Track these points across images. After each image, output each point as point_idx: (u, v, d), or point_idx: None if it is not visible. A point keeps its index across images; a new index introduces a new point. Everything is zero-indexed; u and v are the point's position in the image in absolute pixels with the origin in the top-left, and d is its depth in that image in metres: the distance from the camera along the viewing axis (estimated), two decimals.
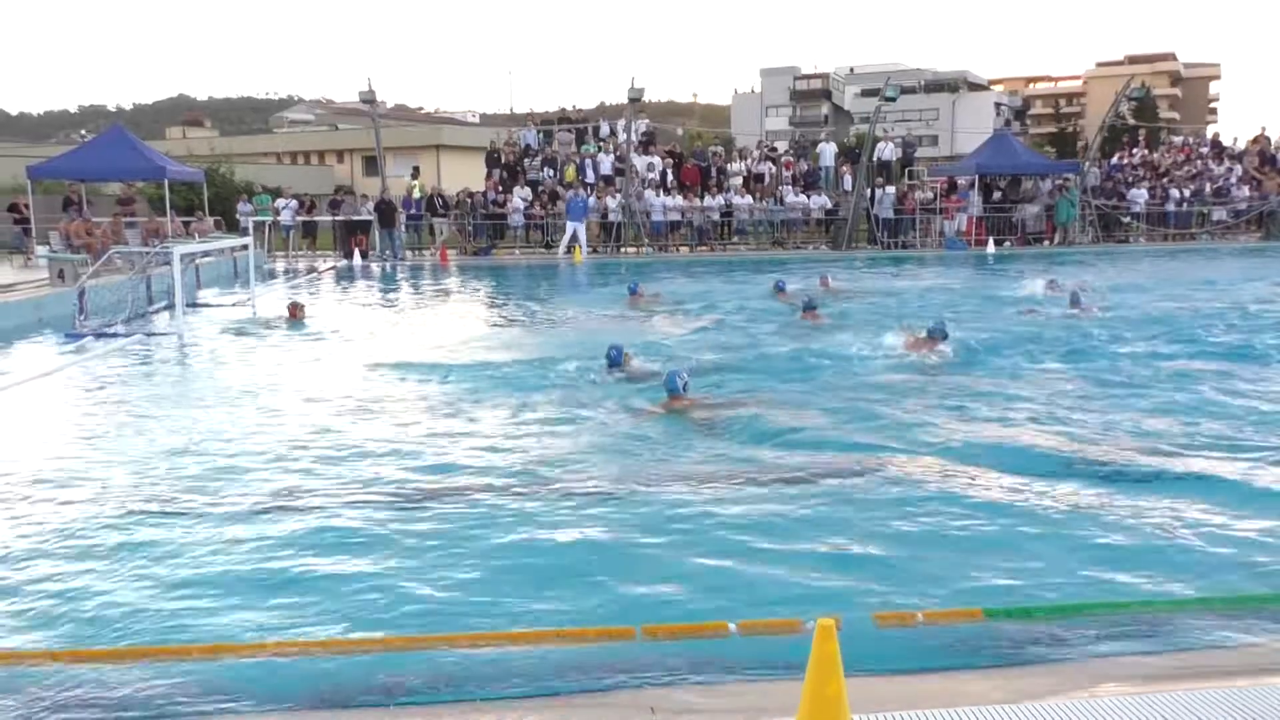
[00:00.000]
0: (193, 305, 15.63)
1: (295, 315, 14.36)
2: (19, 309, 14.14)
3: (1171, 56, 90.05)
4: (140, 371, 10.66)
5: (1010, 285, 17.60)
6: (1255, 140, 31.40)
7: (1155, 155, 32.18)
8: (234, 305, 16.49)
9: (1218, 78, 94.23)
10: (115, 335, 12.73)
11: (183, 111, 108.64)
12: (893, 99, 28.64)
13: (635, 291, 16.02)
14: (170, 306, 14.33)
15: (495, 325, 14.64)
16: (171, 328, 13.30)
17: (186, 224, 24.69)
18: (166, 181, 24.10)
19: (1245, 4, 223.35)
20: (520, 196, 27.15)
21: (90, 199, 25.50)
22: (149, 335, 12.94)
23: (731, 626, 3.86)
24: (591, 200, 26.80)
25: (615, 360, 9.02)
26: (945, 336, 10.52)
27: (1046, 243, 28.09)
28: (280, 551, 5.05)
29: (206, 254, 19.21)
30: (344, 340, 12.63)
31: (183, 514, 5.65)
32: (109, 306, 13.79)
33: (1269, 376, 9.27)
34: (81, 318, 13.09)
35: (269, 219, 26.21)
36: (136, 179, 26.07)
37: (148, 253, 15.52)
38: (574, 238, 25.58)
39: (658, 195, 27.40)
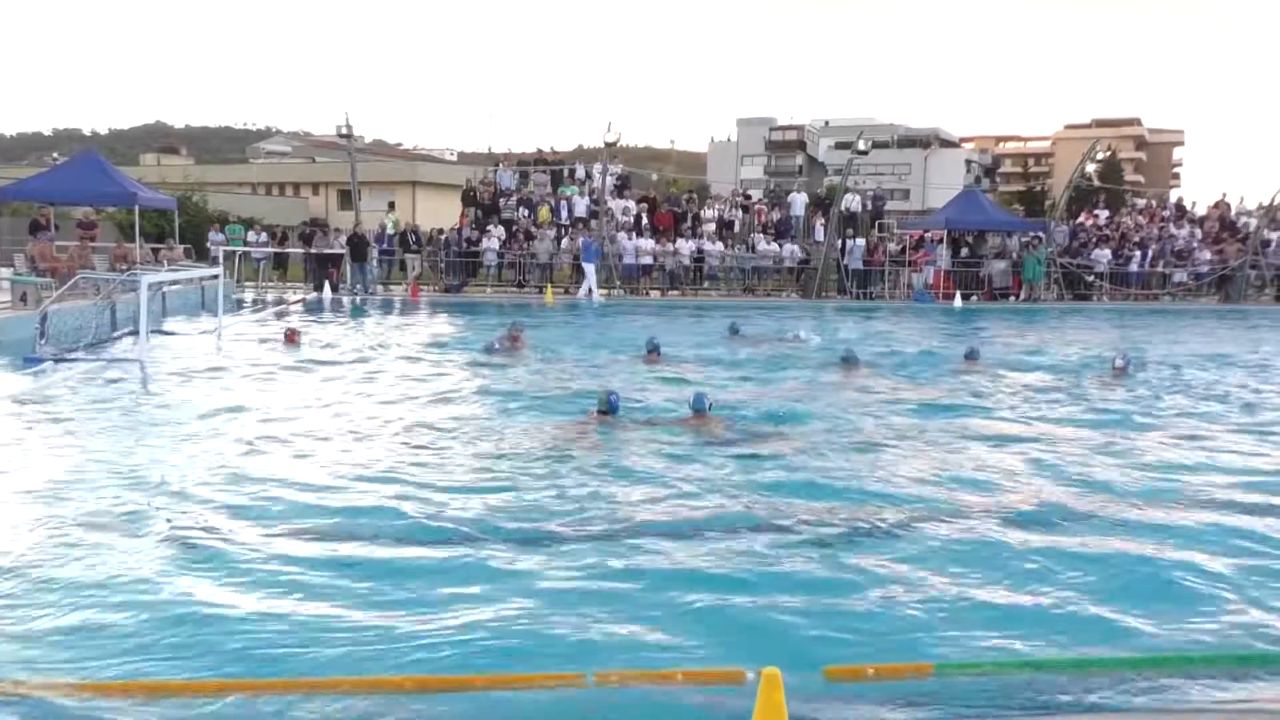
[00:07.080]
0: (157, 332, 15.45)
1: (292, 340, 14.44)
2: None
3: (1137, 121, 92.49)
4: (98, 397, 10.48)
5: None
6: (1216, 205, 32.20)
7: (1120, 217, 32.88)
8: (200, 334, 16.33)
9: (1181, 144, 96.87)
10: (76, 360, 12.55)
11: (159, 138, 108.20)
12: (865, 152, 29.18)
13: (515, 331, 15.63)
14: (134, 333, 14.16)
15: (463, 366, 14.49)
16: (134, 354, 13.13)
17: (156, 251, 24.49)
18: (137, 208, 23.92)
19: (1209, 75, 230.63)
20: (496, 235, 27.24)
21: (59, 223, 25.23)
22: (110, 361, 12.76)
23: (679, 675, 3.84)
24: (569, 242, 27.01)
25: (614, 407, 8.80)
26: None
27: (1013, 298, 28.54)
28: (237, 584, 4.99)
29: (175, 282, 19.05)
30: (304, 370, 12.52)
31: (137, 537, 5.57)
32: (71, 331, 13.60)
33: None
34: (42, 342, 12.88)
35: (240, 249, 26.09)
36: (107, 204, 25.82)
37: (114, 279, 15.38)
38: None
39: (630, 238, 27.57)
